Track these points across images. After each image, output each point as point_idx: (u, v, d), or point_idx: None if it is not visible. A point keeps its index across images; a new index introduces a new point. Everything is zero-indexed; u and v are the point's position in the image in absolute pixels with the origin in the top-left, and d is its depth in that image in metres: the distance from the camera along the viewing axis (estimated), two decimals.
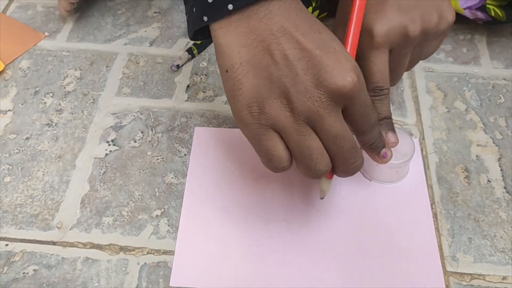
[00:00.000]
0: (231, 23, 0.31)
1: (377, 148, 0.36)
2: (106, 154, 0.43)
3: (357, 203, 0.40)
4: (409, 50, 0.37)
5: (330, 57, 0.30)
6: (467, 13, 0.50)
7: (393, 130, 0.38)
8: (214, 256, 0.37)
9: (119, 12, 0.56)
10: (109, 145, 0.44)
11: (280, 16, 0.31)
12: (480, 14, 0.50)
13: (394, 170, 0.40)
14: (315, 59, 0.30)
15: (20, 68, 0.50)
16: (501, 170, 0.42)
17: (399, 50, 0.36)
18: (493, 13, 0.49)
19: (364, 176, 0.41)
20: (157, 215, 0.40)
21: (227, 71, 0.32)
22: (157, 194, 0.41)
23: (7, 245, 0.38)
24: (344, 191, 0.41)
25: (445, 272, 0.37)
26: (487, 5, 0.49)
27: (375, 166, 0.40)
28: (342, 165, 0.32)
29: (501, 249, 0.38)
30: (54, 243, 0.38)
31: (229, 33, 0.32)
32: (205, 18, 0.32)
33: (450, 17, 0.37)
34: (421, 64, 0.50)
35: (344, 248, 0.37)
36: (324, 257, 0.37)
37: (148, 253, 0.38)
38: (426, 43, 0.38)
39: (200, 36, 0.35)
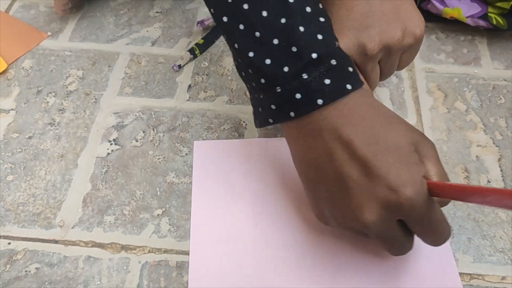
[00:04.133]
0: (294, 137, 0.33)
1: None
2: (108, 154, 0.44)
3: None
4: (372, 65, 0.37)
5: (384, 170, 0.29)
6: (469, 21, 0.51)
7: None
8: (228, 268, 0.37)
9: (121, 12, 0.57)
10: (111, 144, 0.44)
11: (334, 130, 0.31)
12: (482, 23, 0.50)
13: None
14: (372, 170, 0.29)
15: (22, 68, 0.51)
16: (501, 170, 0.42)
17: (362, 67, 0.37)
18: (494, 22, 0.50)
19: None
20: (158, 214, 0.40)
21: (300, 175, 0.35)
22: (158, 193, 0.41)
23: (9, 243, 0.38)
24: None
25: None
26: (489, 14, 0.49)
27: None
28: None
29: (500, 249, 0.38)
30: (56, 242, 0.39)
31: (293, 144, 0.34)
32: (271, 120, 0.33)
33: (418, 31, 0.37)
34: (421, 64, 0.51)
35: (356, 249, 0.37)
36: (336, 258, 0.37)
37: (149, 252, 0.38)
38: (393, 57, 0.37)
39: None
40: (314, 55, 0.30)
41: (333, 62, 0.31)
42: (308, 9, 0.31)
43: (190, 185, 0.41)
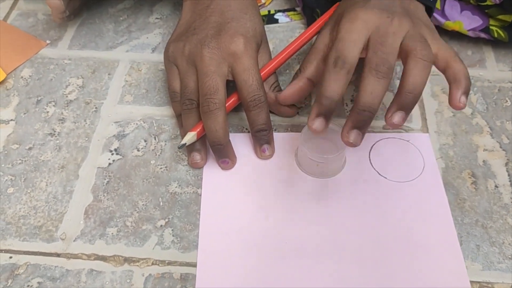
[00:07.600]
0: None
1: (260, 139, 0.42)
2: (109, 164, 0.43)
3: (374, 201, 0.40)
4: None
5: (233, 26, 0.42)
6: (470, 34, 0.50)
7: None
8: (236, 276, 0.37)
9: (121, 18, 0.56)
10: (112, 154, 0.44)
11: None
12: (483, 35, 0.50)
13: (315, 163, 0.40)
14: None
15: (22, 77, 0.50)
16: (508, 175, 0.42)
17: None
18: (496, 35, 0.49)
19: (297, 166, 0.42)
20: (161, 225, 0.39)
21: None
22: (161, 203, 0.41)
23: (11, 257, 0.38)
24: (360, 190, 0.41)
25: None
26: (491, 27, 0.49)
27: (303, 155, 0.41)
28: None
29: (509, 256, 0.37)
30: (58, 255, 0.38)
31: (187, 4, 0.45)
32: None
33: None
34: None
35: (363, 247, 0.37)
36: (344, 257, 0.37)
37: (152, 264, 0.37)
38: None
39: None
40: None
41: None
42: None
43: (193, 195, 0.41)
